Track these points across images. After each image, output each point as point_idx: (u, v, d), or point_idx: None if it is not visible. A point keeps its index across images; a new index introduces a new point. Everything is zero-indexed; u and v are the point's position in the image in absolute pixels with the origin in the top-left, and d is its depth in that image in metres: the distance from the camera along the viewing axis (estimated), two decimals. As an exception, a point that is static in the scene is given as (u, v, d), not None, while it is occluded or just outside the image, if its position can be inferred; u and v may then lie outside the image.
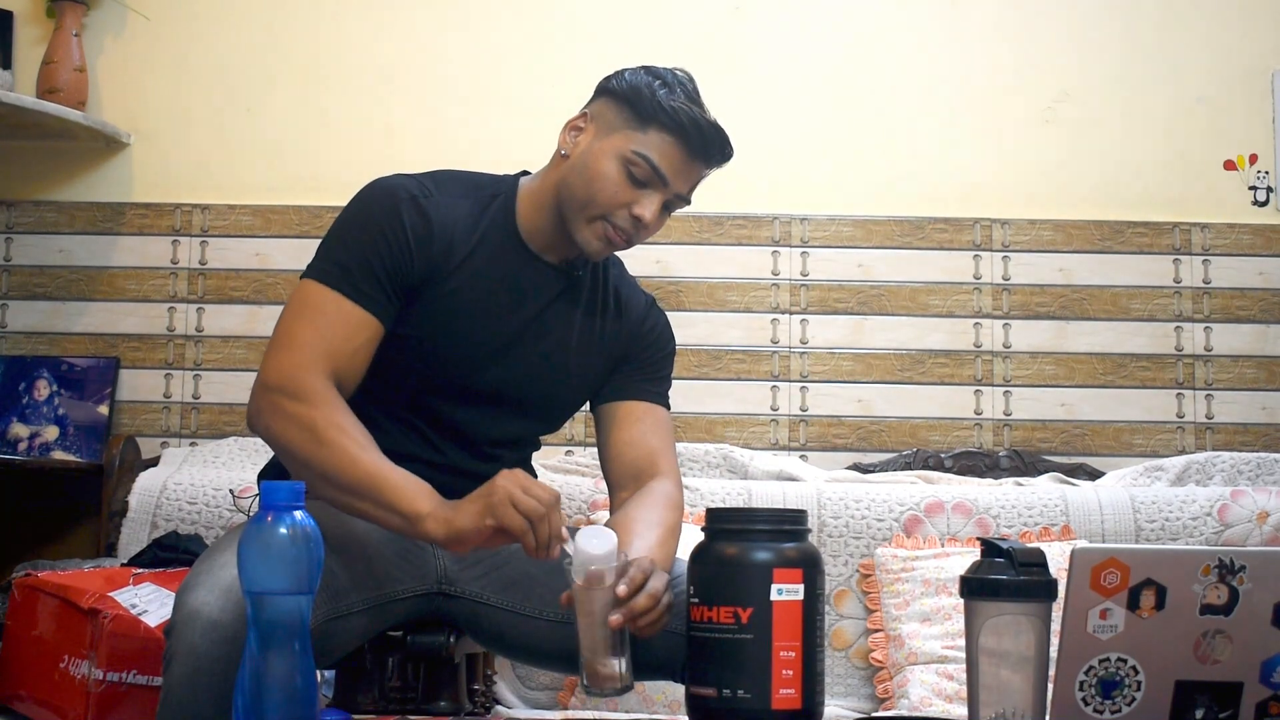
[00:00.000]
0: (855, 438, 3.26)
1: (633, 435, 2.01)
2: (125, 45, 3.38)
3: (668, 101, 1.87)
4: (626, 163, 1.87)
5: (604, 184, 1.87)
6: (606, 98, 1.93)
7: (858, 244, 3.31)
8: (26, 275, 3.33)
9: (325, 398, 1.75)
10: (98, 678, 2.34)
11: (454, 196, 1.94)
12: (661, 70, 1.93)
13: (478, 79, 3.35)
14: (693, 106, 1.89)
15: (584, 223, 1.89)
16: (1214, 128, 3.34)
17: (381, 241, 1.85)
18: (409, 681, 2.07)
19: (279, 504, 1.29)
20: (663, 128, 1.87)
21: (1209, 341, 3.28)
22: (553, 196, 1.93)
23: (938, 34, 3.38)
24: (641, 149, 1.86)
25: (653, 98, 1.87)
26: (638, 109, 1.88)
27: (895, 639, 2.77)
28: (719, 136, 1.90)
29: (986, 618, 1.44)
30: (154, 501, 2.96)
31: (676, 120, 1.86)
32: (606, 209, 1.88)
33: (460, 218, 1.93)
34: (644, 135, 1.87)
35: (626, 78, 1.92)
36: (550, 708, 2.83)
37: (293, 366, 1.77)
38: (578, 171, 1.90)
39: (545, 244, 1.96)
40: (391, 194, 1.90)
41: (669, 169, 1.87)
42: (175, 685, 1.58)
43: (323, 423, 1.73)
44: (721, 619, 1.58)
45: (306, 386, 1.75)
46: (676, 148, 1.87)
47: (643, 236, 1.92)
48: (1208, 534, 2.89)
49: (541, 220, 1.95)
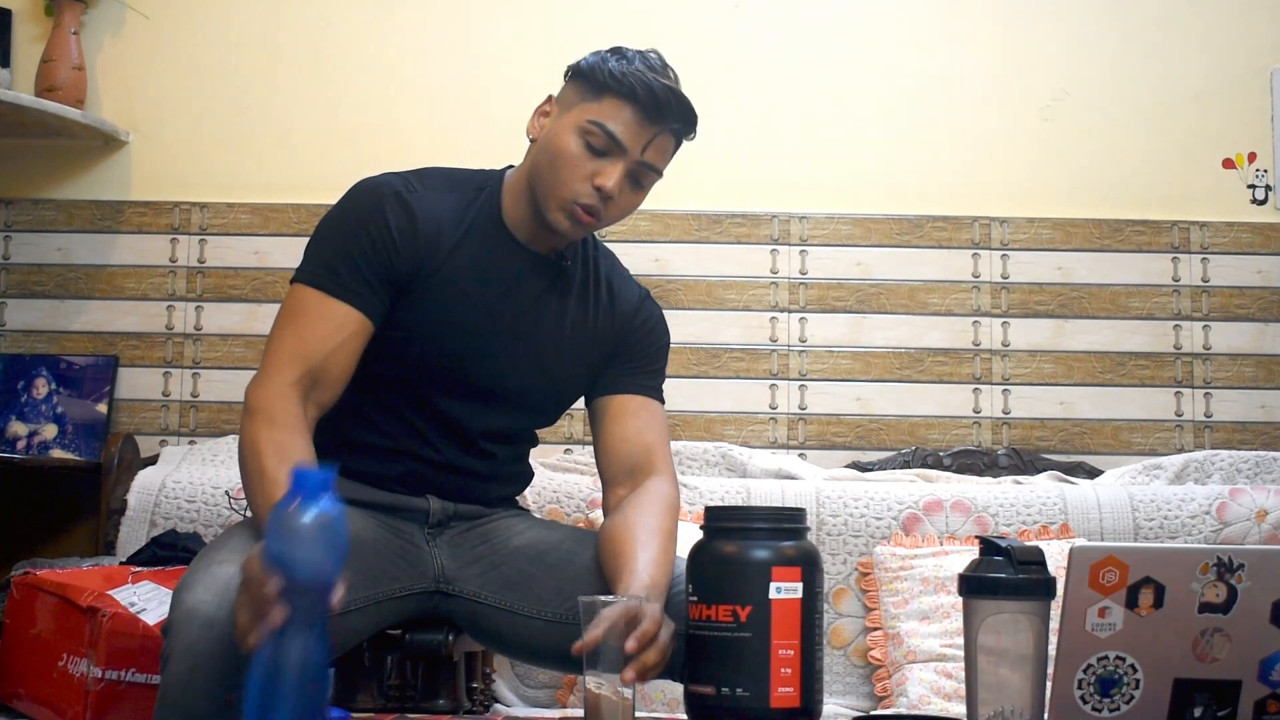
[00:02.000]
0: (854, 436, 3.26)
1: (628, 430, 2.01)
2: (124, 43, 3.38)
3: (620, 69, 1.89)
4: (584, 133, 1.88)
5: (565, 159, 1.89)
6: (569, 80, 1.97)
7: (856, 242, 3.31)
8: (25, 273, 3.33)
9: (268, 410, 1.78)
10: (96, 676, 2.34)
11: (439, 191, 1.96)
12: (626, 49, 1.95)
13: (477, 76, 3.35)
14: (647, 72, 1.90)
15: (554, 203, 1.91)
16: (1213, 126, 3.34)
17: (365, 238, 1.88)
18: (408, 680, 2.07)
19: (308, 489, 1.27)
20: (614, 94, 1.89)
21: (1208, 340, 3.28)
22: (527, 182, 1.95)
23: (936, 32, 3.38)
24: (595, 117, 1.88)
25: (605, 68, 1.90)
26: (592, 81, 1.90)
27: (894, 637, 2.77)
28: (675, 98, 1.90)
29: (985, 616, 1.45)
30: (153, 500, 2.96)
31: (627, 83, 1.88)
32: (570, 183, 1.89)
33: (446, 210, 1.95)
34: (598, 104, 1.89)
35: (586, 58, 1.95)
36: (549, 706, 2.83)
37: (258, 381, 1.82)
38: (545, 152, 1.92)
39: (530, 234, 1.98)
40: (374, 191, 1.92)
41: (624, 133, 1.88)
42: (173, 683, 1.58)
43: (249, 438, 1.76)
44: (720, 617, 1.58)
45: (255, 401, 1.79)
46: (630, 111, 1.88)
47: (612, 211, 1.93)
48: (1206, 532, 2.89)
49: (523, 210, 1.97)
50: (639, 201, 1.97)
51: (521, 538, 2.01)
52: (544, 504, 2.89)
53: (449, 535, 1.99)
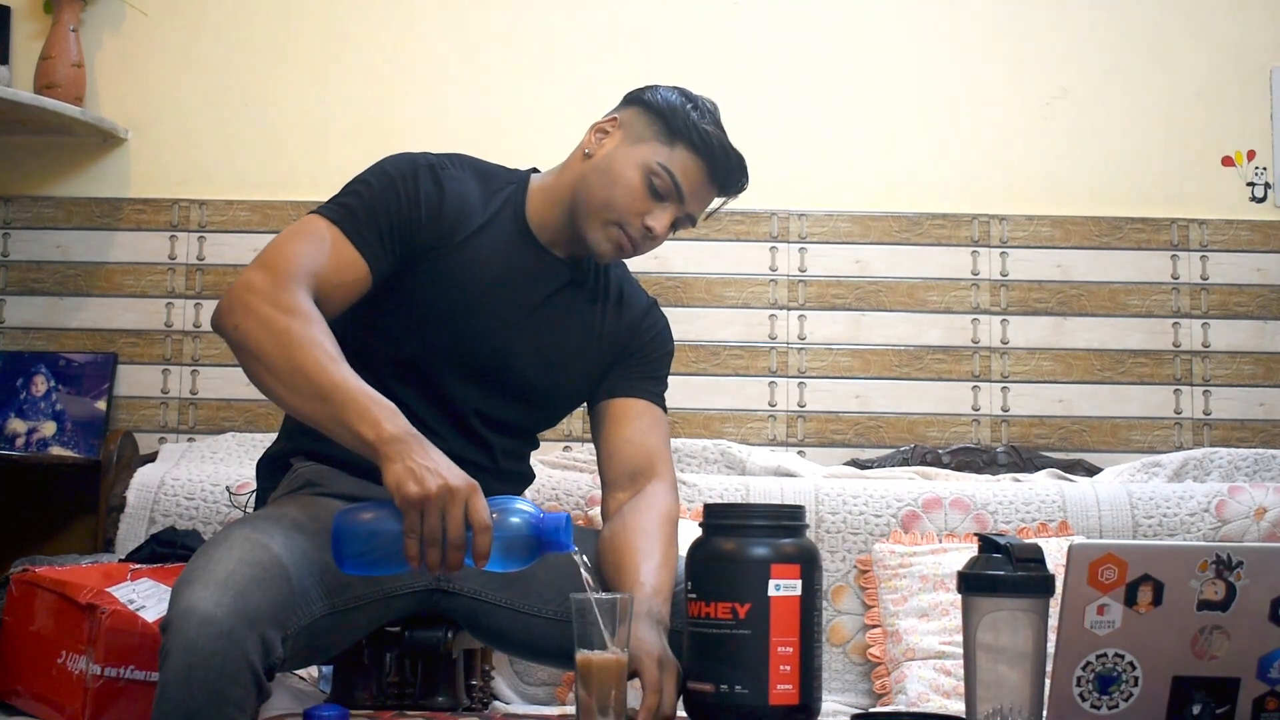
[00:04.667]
0: (853, 433, 3.26)
1: (630, 433, 2.03)
2: (123, 40, 3.38)
3: (699, 123, 1.93)
4: (649, 173, 1.92)
5: (624, 190, 1.92)
6: (639, 108, 1.99)
7: (855, 240, 3.31)
8: (24, 271, 3.33)
9: (302, 309, 1.73)
10: (95, 673, 2.33)
11: (470, 176, 2.00)
12: (694, 94, 1.99)
13: (476, 75, 3.35)
14: (720, 132, 1.96)
15: (599, 225, 1.94)
16: (1212, 123, 3.33)
17: (393, 196, 1.90)
18: (407, 677, 2.07)
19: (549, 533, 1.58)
20: (690, 146, 1.93)
21: (1207, 337, 3.28)
22: (569, 193, 1.97)
23: (936, 30, 3.37)
24: (667, 163, 1.92)
25: (686, 117, 1.94)
26: (670, 124, 1.94)
27: (893, 634, 2.77)
28: (740, 167, 1.98)
29: (984, 613, 1.44)
30: (152, 497, 2.96)
31: (706, 142, 1.93)
32: (622, 214, 1.93)
33: (471, 194, 1.97)
34: (670, 150, 1.93)
35: (661, 93, 1.98)
36: (548, 703, 2.83)
37: (278, 276, 1.77)
38: (600, 173, 1.94)
39: (553, 238, 2.00)
40: (411, 160, 1.96)
41: (689, 187, 1.94)
42: (171, 681, 1.57)
43: (297, 331, 1.71)
44: (719, 614, 1.59)
45: (285, 296, 1.74)
46: (700, 169, 1.94)
47: (647, 248, 1.98)
48: (1205, 530, 2.89)
49: (553, 215, 1.99)
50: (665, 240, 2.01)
51: (522, 535, 2.01)
52: (543, 501, 2.89)
53: (449, 533, 1.99)
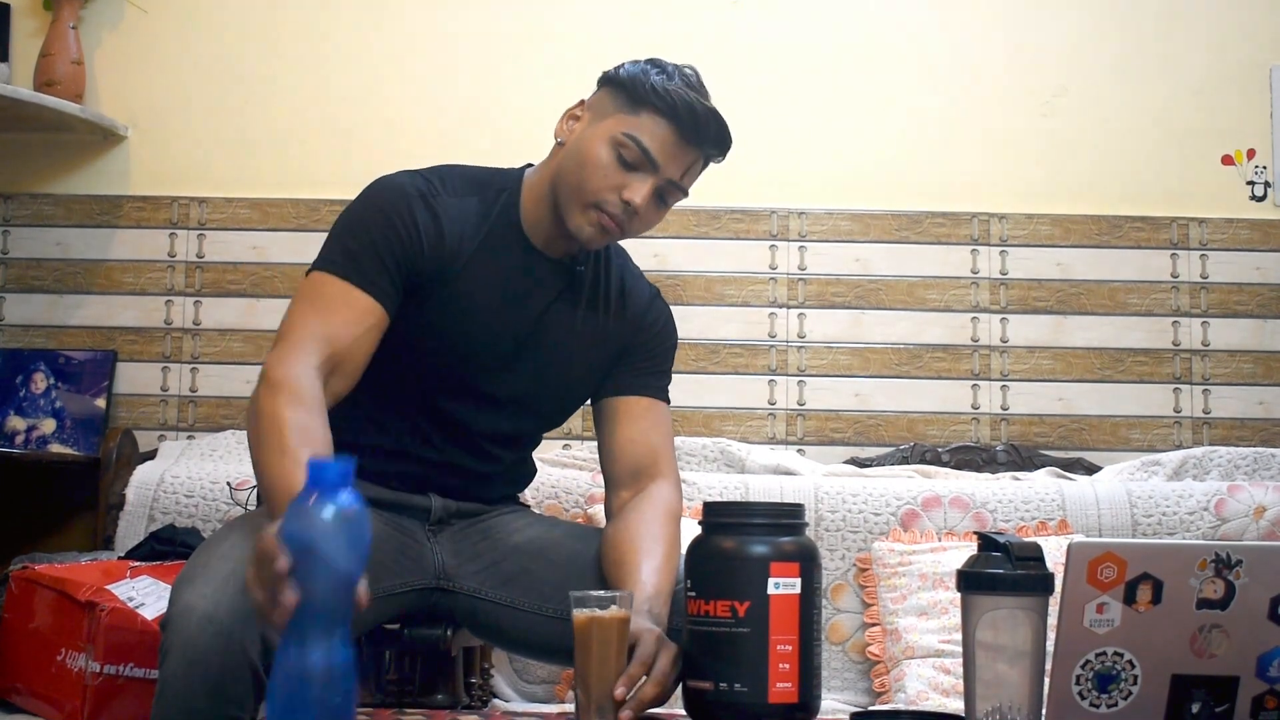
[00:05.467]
0: (852, 432, 3.26)
1: (634, 433, 2.01)
2: (123, 38, 3.38)
3: (661, 85, 1.87)
4: (617, 145, 1.86)
5: (594, 168, 1.86)
6: (606, 87, 1.93)
7: (855, 238, 3.31)
8: (23, 268, 3.33)
9: (294, 388, 1.69)
10: (95, 670, 2.34)
11: (460, 195, 1.94)
12: (664, 61, 1.93)
13: (476, 72, 3.35)
14: (688, 91, 1.88)
15: (578, 210, 1.88)
16: (1212, 122, 3.33)
17: (391, 232, 1.84)
18: (406, 675, 2.07)
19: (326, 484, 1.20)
20: (654, 110, 1.86)
21: (1206, 336, 3.28)
22: (549, 186, 1.93)
23: (936, 28, 3.37)
24: (631, 130, 1.86)
25: (646, 81, 1.87)
26: (631, 93, 1.88)
27: (892, 633, 2.77)
28: (714, 120, 1.89)
29: (983, 611, 1.44)
30: (151, 495, 2.95)
31: (668, 101, 1.85)
32: (597, 193, 1.86)
33: (467, 216, 1.92)
34: (635, 118, 1.87)
35: (625, 68, 1.92)
36: (547, 701, 2.83)
37: (279, 357, 1.74)
38: (571, 157, 1.90)
39: (546, 238, 1.96)
40: (401, 190, 1.89)
41: (658, 151, 1.86)
42: (171, 679, 1.57)
43: (270, 412, 1.66)
44: (718, 613, 1.58)
45: (281, 376, 1.70)
46: (667, 129, 1.86)
47: (636, 225, 1.91)
48: (1204, 529, 2.89)
49: (541, 213, 1.95)
50: (661, 217, 1.95)
51: (522, 534, 2.01)
52: (542, 499, 2.89)
53: (450, 532, 1.99)
